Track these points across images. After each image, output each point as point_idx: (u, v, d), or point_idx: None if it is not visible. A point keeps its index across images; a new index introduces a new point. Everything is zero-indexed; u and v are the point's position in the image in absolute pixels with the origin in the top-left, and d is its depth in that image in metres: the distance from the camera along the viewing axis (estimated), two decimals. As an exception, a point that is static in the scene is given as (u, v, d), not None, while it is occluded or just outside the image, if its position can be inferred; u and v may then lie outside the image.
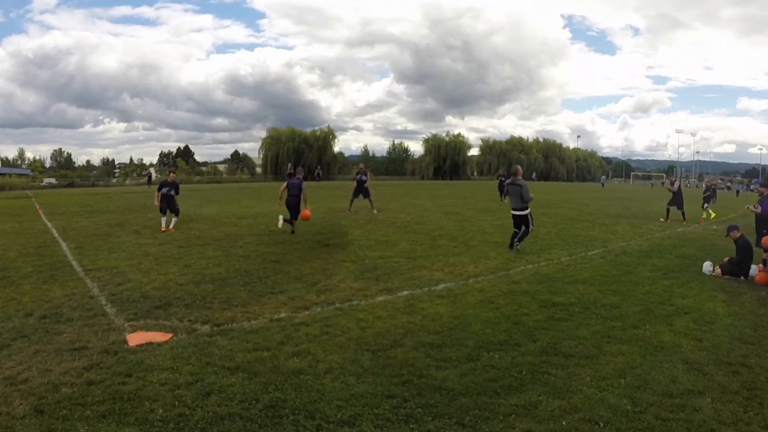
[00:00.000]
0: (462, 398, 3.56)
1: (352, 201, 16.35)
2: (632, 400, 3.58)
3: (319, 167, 47.46)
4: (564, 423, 3.25)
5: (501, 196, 22.39)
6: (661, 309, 5.88)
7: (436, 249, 9.50)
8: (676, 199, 15.49)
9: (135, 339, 4.58)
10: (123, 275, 7.12)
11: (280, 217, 11.35)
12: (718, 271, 7.74)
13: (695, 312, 5.79)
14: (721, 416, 3.38)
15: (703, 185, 19.47)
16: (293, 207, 11.18)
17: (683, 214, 15.49)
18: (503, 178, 22.57)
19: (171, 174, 12.62)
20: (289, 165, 30.12)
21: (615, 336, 4.89)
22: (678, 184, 16.37)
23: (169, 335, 4.69)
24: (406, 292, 6.36)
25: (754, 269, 7.65)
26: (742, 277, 7.53)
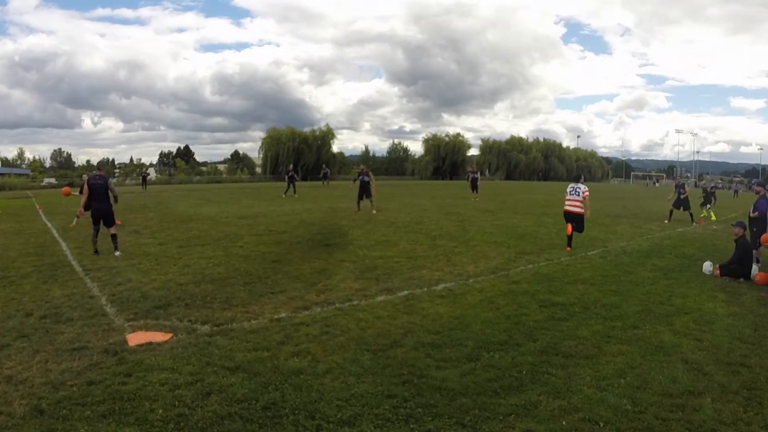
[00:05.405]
0: (462, 398, 3.56)
1: (358, 202, 16.49)
2: (632, 400, 3.58)
3: (325, 166, 46.49)
4: (564, 423, 3.25)
5: (472, 190, 23.99)
6: (661, 309, 5.88)
7: (436, 249, 9.50)
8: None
9: (135, 339, 4.57)
10: (123, 275, 7.12)
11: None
12: (717, 271, 7.74)
13: (695, 312, 5.79)
14: (721, 416, 3.38)
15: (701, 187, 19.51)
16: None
17: (691, 215, 15.77)
18: (473, 174, 25.29)
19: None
20: (290, 166, 29.58)
21: (615, 336, 4.89)
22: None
23: (169, 335, 4.69)
24: (406, 292, 6.36)
25: (754, 269, 7.65)
26: (741, 279, 7.52)
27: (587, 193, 9.72)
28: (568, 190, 9.96)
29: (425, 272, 7.53)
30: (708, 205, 17.94)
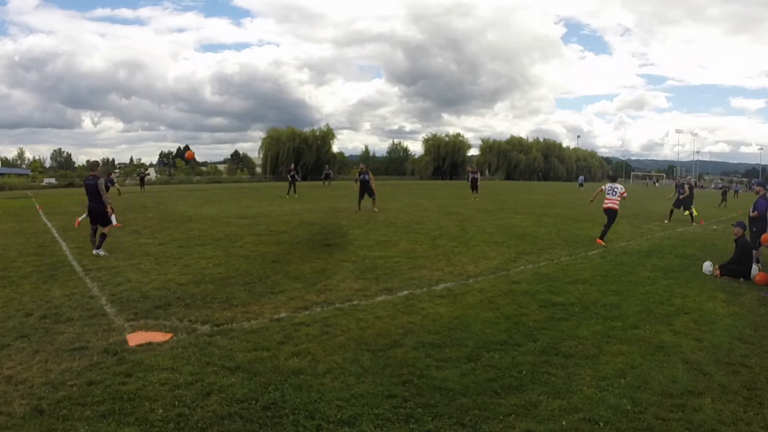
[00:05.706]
0: (462, 398, 3.56)
1: (359, 201, 16.59)
2: (632, 400, 3.58)
3: (327, 167, 45.71)
4: (564, 423, 3.25)
5: (472, 190, 23.61)
6: (661, 309, 5.88)
7: (436, 249, 9.50)
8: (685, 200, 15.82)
9: (135, 339, 4.57)
10: (123, 275, 7.12)
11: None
12: (717, 271, 7.74)
13: (695, 312, 5.79)
14: (721, 416, 3.38)
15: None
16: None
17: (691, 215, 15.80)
18: (473, 174, 24.79)
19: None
20: (292, 165, 29.09)
21: (615, 336, 4.89)
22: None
23: (169, 335, 4.69)
24: (406, 292, 6.36)
25: (754, 269, 7.65)
26: (741, 279, 7.52)
27: (625, 194, 10.96)
28: (607, 189, 11.12)
29: (425, 272, 7.53)
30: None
